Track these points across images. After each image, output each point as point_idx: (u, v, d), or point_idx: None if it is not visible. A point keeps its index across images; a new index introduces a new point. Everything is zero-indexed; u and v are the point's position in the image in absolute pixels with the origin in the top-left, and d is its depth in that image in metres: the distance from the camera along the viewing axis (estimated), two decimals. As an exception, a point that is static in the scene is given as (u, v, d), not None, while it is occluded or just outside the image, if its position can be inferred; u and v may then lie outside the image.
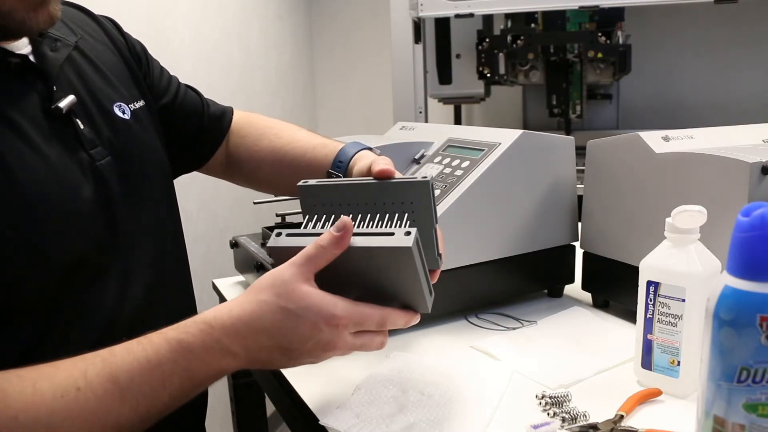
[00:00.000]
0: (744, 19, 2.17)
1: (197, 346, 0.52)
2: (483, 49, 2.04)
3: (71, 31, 0.70)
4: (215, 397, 2.21)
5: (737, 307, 0.48)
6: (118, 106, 0.70)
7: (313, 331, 0.54)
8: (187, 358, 0.52)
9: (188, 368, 0.52)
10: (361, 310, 0.56)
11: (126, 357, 0.52)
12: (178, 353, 0.52)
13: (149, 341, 0.53)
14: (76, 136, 0.63)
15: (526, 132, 0.94)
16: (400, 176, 0.66)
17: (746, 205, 0.48)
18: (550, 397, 0.69)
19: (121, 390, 0.50)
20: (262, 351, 0.54)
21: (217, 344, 0.53)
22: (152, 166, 0.74)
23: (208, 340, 0.53)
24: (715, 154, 0.78)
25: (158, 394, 0.52)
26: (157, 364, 0.52)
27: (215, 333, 0.53)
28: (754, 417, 0.48)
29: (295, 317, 0.53)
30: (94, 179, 0.63)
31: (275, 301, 0.53)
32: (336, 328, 0.54)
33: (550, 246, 0.98)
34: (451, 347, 0.86)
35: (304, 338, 0.54)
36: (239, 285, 1.17)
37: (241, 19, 2.26)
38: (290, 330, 0.53)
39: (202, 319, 0.54)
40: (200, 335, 0.53)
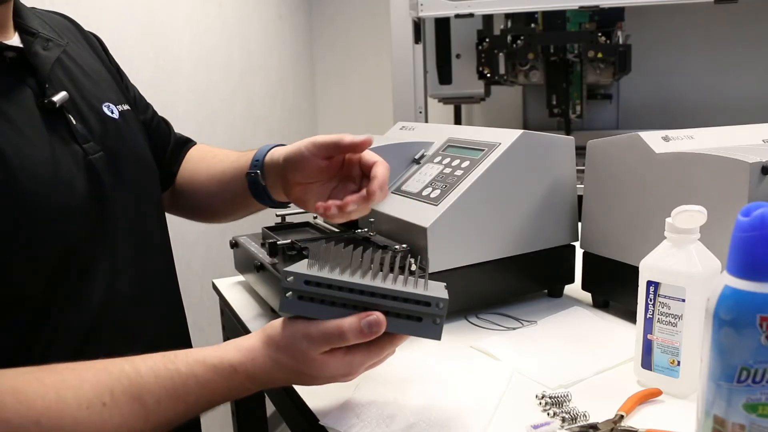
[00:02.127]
0: (744, 19, 2.17)
1: (222, 384, 0.57)
2: (483, 49, 2.04)
3: (59, 36, 0.72)
4: (215, 397, 2.20)
5: (737, 307, 0.48)
6: (106, 105, 0.72)
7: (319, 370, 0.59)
8: (212, 392, 0.57)
9: (211, 401, 0.57)
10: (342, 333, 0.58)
11: (154, 380, 0.54)
12: (205, 389, 0.56)
13: (177, 371, 0.56)
14: (69, 131, 0.65)
15: (526, 132, 0.94)
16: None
17: (746, 205, 0.48)
18: (550, 397, 0.69)
19: (147, 413, 0.53)
20: (283, 377, 0.60)
21: (240, 385, 0.58)
22: (141, 164, 0.76)
23: (233, 382, 0.58)
24: (715, 154, 0.78)
25: (180, 417, 0.56)
26: (184, 394, 0.55)
27: (239, 377, 0.58)
28: (754, 417, 0.48)
29: (312, 378, 0.60)
30: (87, 172, 0.65)
31: (293, 365, 0.59)
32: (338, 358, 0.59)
33: (550, 246, 0.98)
34: (451, 347, 0.86)
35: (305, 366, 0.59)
36: (239, 285, 1.17)
37: (241, 19, 2.26)
38: (294, 363, 0.59)
39: (229, 363, 0.58)
40: (227, 377, 0.57)
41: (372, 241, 0.95)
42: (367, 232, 0.98)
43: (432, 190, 0.94)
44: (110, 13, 1.59)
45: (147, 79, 1.73)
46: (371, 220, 0.99)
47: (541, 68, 2.08)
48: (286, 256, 0.98)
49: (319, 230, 1.14)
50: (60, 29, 0.75)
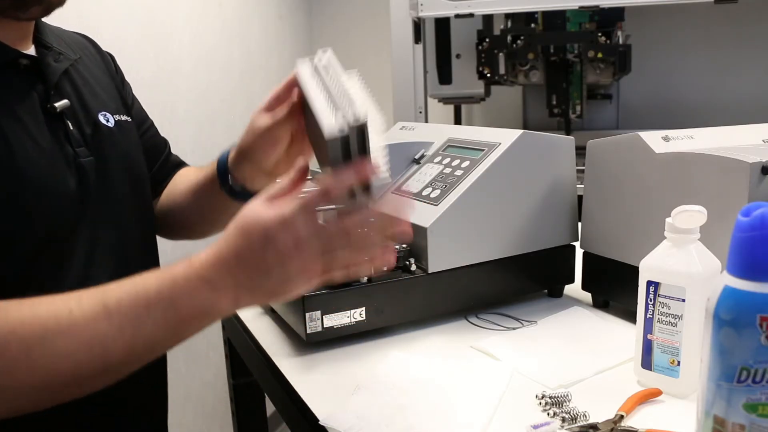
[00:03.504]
0: (744, 19, 2.17)
1: (180, 276, 0.57)
2: (483, 49, 2.04)
3: (73, 52, 0.80)
4: (215, 397, 2.23)
5: (737, 307, 0.48)
6: (103, 114, 0.78)
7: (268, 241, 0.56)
8: (171, 288, 0.56)
9: (172, 298, 0.56)
10: (305, 199, 0.57)
11: (116, 287, 0.56)
12: (163, 284, 0.56)
13: (140, 276, 0.57)
14: (66, 135, 0.71)
15: (526, 132, 0.94)
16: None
17: (746, 205, 0.48)
18: (550, 397, 0.69)
19: (109, 313, 0.54)
20: (238, 276, 0.56)
21: (193, 273, 0.57)
22: (130, 171, 0.81)
23: (187, 271, 0.57)
24: (715, 154, 0.78)
25: (143, 320, 0.55)
26: (144, 292, 0.56)
27: (195, 266, 0.57)
28: (754, 417, 0.48)
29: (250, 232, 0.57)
30: (77, 172, 0.71)
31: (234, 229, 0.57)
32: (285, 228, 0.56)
33: (550, 246, 0.98)
34: (451, 347, 0.86)
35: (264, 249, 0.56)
36: (239, 285, 1.17)
37: (241, 19, 2.26)
38: (249, 246, 0.56)
39: (184, 260, 0.58)
40: (183, 268, 0.57)
41: (372, 241, 0.95)
42: (367, 232, 0.98)
43: (432, 190, 0.94)
44: (110, 13, 1.59)
45: (147, 79, 1.73)
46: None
47: (541, 68, 2.08)
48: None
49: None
50: (76, 46, 0.83)
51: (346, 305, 0.84)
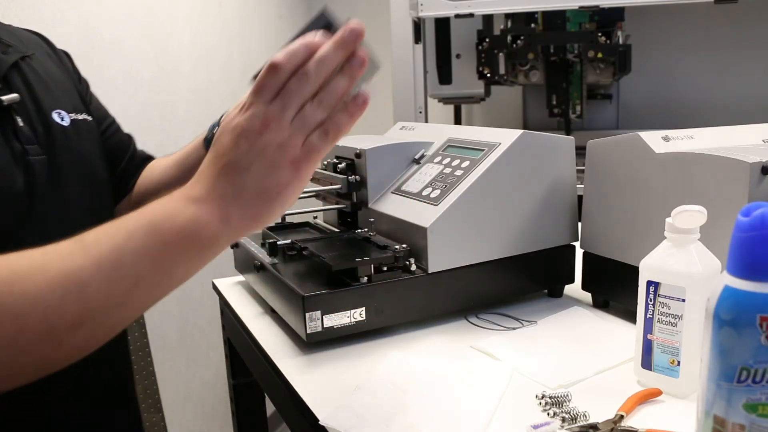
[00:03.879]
0: (744, 19, 2.17)
1: (159, 201, 0.52)
2: (483, 49, 2.04)
3: (26, 47, 0.77)
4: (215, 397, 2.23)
5: (737, 307, 0.48)
6: (57, 113, 0.74)
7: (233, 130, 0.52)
8: (151, 210, 0.51)
9: (152, 221, 0.51)
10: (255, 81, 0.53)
11: (94, 229, 0.51)
12: (141, 211, 0.52)
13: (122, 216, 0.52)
14: (14, 131, 0.68)
15: (526, 132, 0.94)
16: None
17: (746, 205, 0.48)
18: (550, 397, 0.69)
19: (85, 246, 0.49)
20: (218, 180, 0.52)
21: (176, 194, 0.53)
22: (86, 172, 0.77)
23: (170, 195, 0.53)
24: (715, 154, 0.78)
25: (122, 250, 0.49)
26: (123, 222, 0.51)
27: (175, 193, 0.53)
28: (754, 417, 0.48)
29: (219, 136, 0.54)
30: (25, 171, 0.67)
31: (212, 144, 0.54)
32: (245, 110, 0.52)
33: (550, 246, 0.98)
34: (451, 347, 0.86)
35: (233, 140, 0.52)
36: (239, 285, 1.17)
37: (241, 19, 2.26)
38: (220, 146, 0.53)
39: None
40: (162, 200, 0.53)
41: (372, 241, 0.95)
42: (367, 232, 0.98)
43: (432, 190, 0.94)
44: (110, 13, 1.59)
45: (147, 79, 1.73)
46: (371, 220, 0.99)
47: (541, 68, 2.08)
48: (286, 256, 0.99)
49: (319, 230, 1.14)
50: (29, 42, 0.80)
51: (346, 305, 0.84)
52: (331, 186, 1.06)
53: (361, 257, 0.85)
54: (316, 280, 0.87)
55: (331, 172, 1.08)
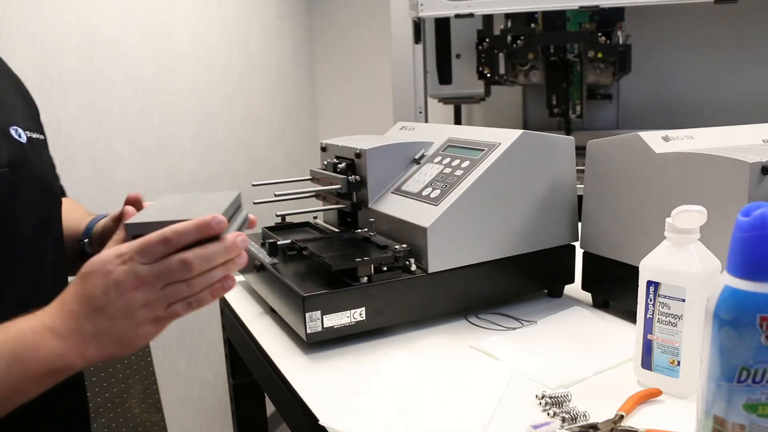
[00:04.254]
0: (744, 19, 2.17)
1: (22, 328, 0.55)
2: (483, 49, 2.04)
3: None
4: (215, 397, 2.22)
5: (737, 307, 0.48)
6: (14, 129, 0.72)
7: (106, 277, 0.56)
8: (15, 339, 0.55)
9: (16, 350, 0.54)
10: (144, 238, 0.57)
11: None
12: (7, 335, 0.55)
13: None
14: None
15: (526, 132, 0.94)
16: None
17: (746, 205, 0.48)
18: (550, 397, 0.69)
19: None
20: (82, 320, 0.56)
21: (38, 324, 0.56)
22: (48, 190, 0.76)
23: (32, 322, 0.56)
24: (715, 154, 0.78)
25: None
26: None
27: (37, 317, 0.57)
28: (754, 417, 0.48)
29: (90, 274, 0.57)
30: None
31: (78, 276, 0.58)
32: (124, 263, 0.56)
33: (550, 246, 0.98)
34: (451, 347, 0.86)
35: (104, 287, 0.56)
36: (239, 285, 1.17)
37: (241, 19, 2.26)
38: (91, 287, 0.56)
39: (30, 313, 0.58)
40: (23, 320, 0.56)
41: (372, 241, 0.95)
42: (367, 232, 0.98)
43: (432, 190, 0.94)
44: (110, 13, 1.59)
45: (147, 79, 1.73)
46: (371, 220, 0.99)
47: (541, 68, 2.08)
48: (286, 256, 0.99)
49: (319, 230, 1.14)
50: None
51: (346, 305, 0.84)
52: (331, 186, 1.06)
53: (361, 257, 0.85)
54: (316, 280, 0.87)
55: (331, 172, 1.08)
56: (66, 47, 1.45)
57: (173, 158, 1.85)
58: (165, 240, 0.56)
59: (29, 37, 1.35)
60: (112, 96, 1.60)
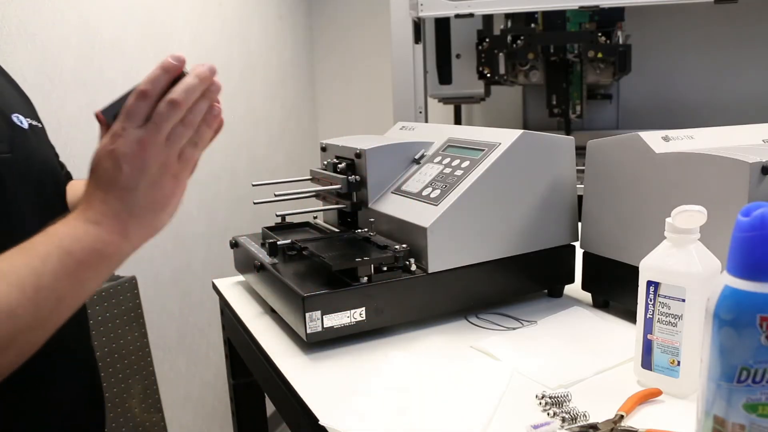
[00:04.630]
0: (744, 19, 2.17)
1: (60, 228, 0.58)
2: (483, 49, 2.04)
3: None
4: (215, 397, 2.23)
5: (737, 307, 0.48)
6: (16, 116, 0.75)
7: (112, 155, 0.58)
8: (58, 237, 0.57)
9: (61, 245, 0.56)
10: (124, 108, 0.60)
11: (8, 252, 0.56)
12: (48, 234, 0.57)
13: (23, 244, 0.57)
14: None
15: (526, 132, 0.94)
16: None
17: (746, 205, 0.48)
18: (550, 397, 0.69)
19: (4, 275, 0.54)
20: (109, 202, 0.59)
21: (73, 221, 0.58)
22: (47, 174, 0.78)
23: (67, 222, 0.59)
24: (715, 154, 0.78)
25: (40, 273, 0.55)
26: (31, 248, 0.56)
27: (72, 214, 0.59)
28: (754, 417, 0.48)
29: (97, 163, 0.60)
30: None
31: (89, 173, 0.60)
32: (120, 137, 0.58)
33: (550, 246, 0.98)
34: (451, 347, 0.86)
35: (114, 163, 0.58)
36: (239, 285, 1.17)
37: (241, 19, 2.26)
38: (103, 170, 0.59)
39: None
40: (59, 223, 0.59)
41: (372, 241, 0.95)
42: (367, 232, 0.98)
43: (432, 190, 0.94)
44: (110, 13, 1.59)
45: (147, 79, 1.73)
46: (371, 220, 0.99)
47: (541, 68, 2.08)
48: (286, 256, 0.99)
49: (319, 230, 1.14)
50: None
51: (346, 305, 0.84)
52: (331, 186, 1.06)
53: (361, 257, 0.85)
54: (316, 280, 0.87)
55: (331, 172, 1.08)
56: (66, 47, 1.45)
57: (173, 158, 1.85)
58: (142, 94, 0.59)
59: (29, 37, 1.35)
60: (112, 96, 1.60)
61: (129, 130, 0.58)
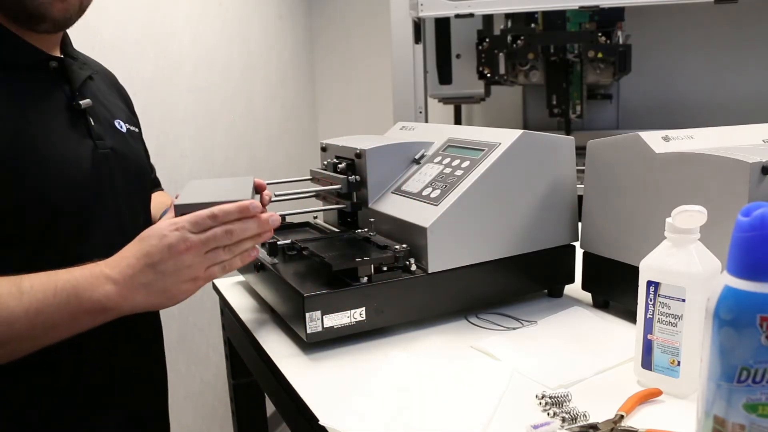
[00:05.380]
0: (744, 19, 2.17)
1: (85, 271, 0.69)
2: (483, 49, 2.04)
3: (93, 69, 0.92)
4: (215, 397, 2.23)
5: (737, 307, 0.48)
6: (117, 122, 0.89)
7: (162, 239, 0.69)
8: (77, 278, 0.68)
9: (76, 286, 0.67)
10: (195, 213, 0.71)
11: (38, 274, 0.67)
12: (72, 274, 0.68)
13: (61, 270, 0.68)
14: (87, 129, 0.82)
15: (526, 132, 0.94)
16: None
17: (746, 205, 0.48)
18: (550, 397, 0.69)
19: (21, 292, 0.65)
20: (137, 272, 0.69)
21: (98, 270, 0.69)
22: (138, 170, 0.91)
23: (93, 269, 0.69)
24: (715, 154, 0.78)
25: (49, 302, 0.66)
26: (55, 280, 0.67)
27: (99, 265, 0.70)
28: (754, 417, 0.48)
29: (148, 236, 0.70)
30: (93, 161, 0.80)
31: (136, 239, 0.71)
32: (177, 230, 0.70)
33: (550, 246, 0.98)
34: (451, 347, 0.86)
35: (160, 246, 0.69)
36: (239, 285, 1.17)
37: (241, 19, 2.26)
38: (148, 246, 0.69)
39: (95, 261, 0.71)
40: (88, 267, 0.69)
41: (372, 241, 0.95)
42: (367, 232, 0.98)
43: (432, 190, 0.94)
44: (110, 13, 1.59)
45: (147, 79, 1.73)
46: (371, 220, 0.99)
47: (541, 68, 2.08)
48: (286, 256, 0.99)
49: (319, 230, 1.14)
50: (95, 66, 0.97)
51: (346, 305, 0.84)
52: (331, 186, 1.06)
53: (361, 257, 0.85)
54: (316, 280, 0.87)
55: (331, 172, 1.08)
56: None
57: (173, 158, 1.85)
58: (213, 216, 0.71)
59: (29, 37, 1.34)
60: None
61: (186, 231, 0.70)
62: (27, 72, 0.78)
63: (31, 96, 0.77)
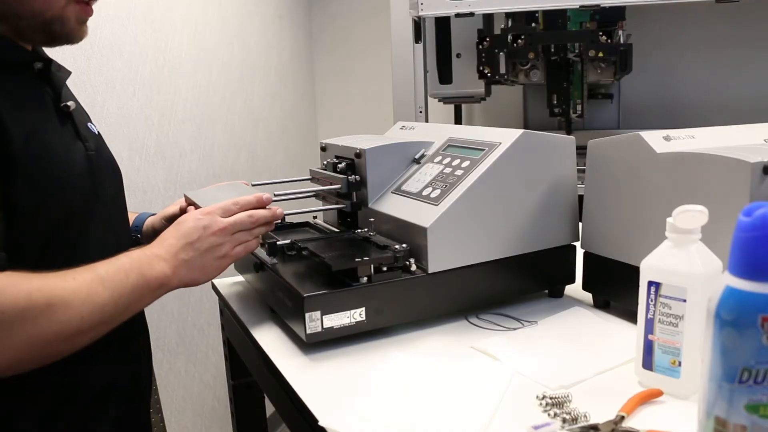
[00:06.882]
0: (745, 19, 2.16)
1: (140, 253, 0.79)
2: (483, 49, 2.04)
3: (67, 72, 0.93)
4: (215, 398, 2.22)
5: (739, 308, 0.48)
6: (89, 124, 0.92)
7: (198, 222, 0.83)
8: (137, 260, 0.77)
9: (140, 267, 0.76)
10: (221, 203, 0.86)
11: (101, 264, 0.74)
12: (130, 257, 0.77)
13: (116, 257, 0.77)
14: (76, 131, 0.84)
15: (526, 132, 0.93)
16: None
17: (748, 205, 0.48)
18: (550, 397, 0.68)
19: (102, 279, 0.72)
20: (179, 251, 0.81)
21: (150, 251, 0.80)
22: (116, 171, 0.96)
23: (146, 250, 0.80)
24: (716, 154, 0.77)
25: (124, 284, 0.74)
26: (120, 264, 0.75)
27: (148, 248, 0.81)
28: (755, 418, 0.48)
29: (184, 221, 0.84)
30: (87, 162, 0.84)
31: (173, 225, 0.84)
32: (209, 214, 0.84)
33: (550, 246, 0.98)
34: (451, 347, 0.86)
35: (196, 227, 0.82)
36: (239, 285, 1.17)
37: (241, 19, 2.26)
38: (186, 228, 0.82)
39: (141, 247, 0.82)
40: (140, 249, 0.80)
41: (372, 241, 0.95)
42: (367, 232, 0.98)
43: (432, 190, 0.93)
44: (110, 13, 1.59)
45: (147, 79, 1.73)
46: (371, 220, 0.99)
47: (541, 68, 2.07)
48: (286, 256, 0.98)
49: (319, 230, 1.14)
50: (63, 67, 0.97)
51: (346, 305, 0.84)
52: (331, 186, 1.06)
53: (361, 257, 0.85)
54: (316, 280, 0.87)
55: (331, 172, 1.08)
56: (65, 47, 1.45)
57: (172, 158, 1.85)
58: (236, 203, 0.86)
59: (29, 36, 1.34)
60: (111, 96, 1.60)
61: (216, 215, 0.84)
62: (13, 73, 0.77)
63: (25, 97, 0.77)
